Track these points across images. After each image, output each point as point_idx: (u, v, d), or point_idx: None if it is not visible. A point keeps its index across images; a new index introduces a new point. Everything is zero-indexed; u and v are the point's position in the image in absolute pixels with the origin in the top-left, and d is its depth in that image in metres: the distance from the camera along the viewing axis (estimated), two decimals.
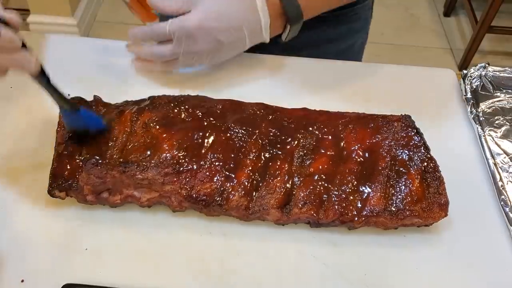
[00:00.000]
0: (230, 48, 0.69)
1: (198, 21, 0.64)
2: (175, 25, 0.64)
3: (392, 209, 0.55)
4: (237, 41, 0.68)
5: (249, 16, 0.66)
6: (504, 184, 0.63)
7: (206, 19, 0.64)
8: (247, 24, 0.66)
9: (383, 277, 0.55)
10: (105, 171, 0.55)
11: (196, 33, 0.64)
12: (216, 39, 0.65)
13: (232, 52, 0.71)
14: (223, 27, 0.65)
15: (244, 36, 0.67)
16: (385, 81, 0.77)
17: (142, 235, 0.57)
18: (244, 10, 0.66)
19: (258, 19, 0.66)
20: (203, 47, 0.66)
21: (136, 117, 0.59)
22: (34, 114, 0.67)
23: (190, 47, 0.65)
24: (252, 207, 0.55)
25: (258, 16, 0.66)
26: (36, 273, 0.53)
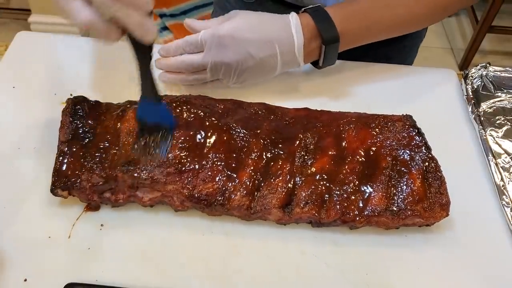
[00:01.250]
0: (260, 65, 0.66)
1: (230, 30, 0.64)
2: (207, 34, 0.64)
3: (394, 208, 0.56)
4: (268, 59, 0.66)
5: (282, 33, 0.66)
6: (505, 184, 0.63)
7: (238, 29, 0.64)
8: (279, 41, 0.65)
9: (384, 276, 0.56)
10: (107, 171, 0.55)
11: (226, 42, 0.64)
12: (246, 50, 0.65)
13: (262, 71, 0.68)
14: (254, 39, 0.65)
15: (276, 54, 0.66)
16: (386, 81, 0.77)
17: (144, 235, 0.57)
18: (277, 27, 0.66)
19: (291, 39, 0.66)
20: (232, 57, 0.65)
21: None
22: (37, 113, 0.67)
23: (219, 56, 0.65)
24: (254, 207, 0.55)
25: (291, 35, 0.66)
26: (39, 273, 0.53)
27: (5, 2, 2.10)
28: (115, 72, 0.74)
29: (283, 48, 0.66)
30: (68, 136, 0.57)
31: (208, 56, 0.65)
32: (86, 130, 0.58)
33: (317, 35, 0.67)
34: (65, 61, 0.75)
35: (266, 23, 0.66)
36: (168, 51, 0.68)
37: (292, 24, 0.66)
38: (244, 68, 0.66)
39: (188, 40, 0.66)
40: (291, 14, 0.67)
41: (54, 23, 2.03)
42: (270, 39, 0.65)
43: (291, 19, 0.66)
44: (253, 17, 0.66)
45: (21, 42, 0.77)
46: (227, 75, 0.67)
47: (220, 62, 0.65)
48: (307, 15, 0.67)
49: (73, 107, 0.59)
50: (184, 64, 0.67)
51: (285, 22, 0.66)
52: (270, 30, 0.65)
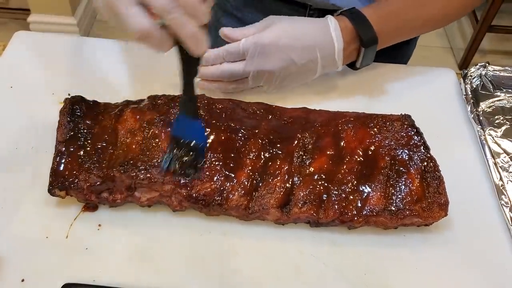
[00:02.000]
0: (302, 70, 0.67)
1: (273, 37, 0.64)
2: (249, 42, 0.64)
3: (392, 208, 0.55)
4: (309, 63, 0.67)
5: (323, 38, 0.66)
6: (504, 184, 0.63)
7: (281, 36, 0.64)
8: (320, 46, 0.66)
9: (383, 276, 0.55)
10: (105, 171, 0.55)
11: (269, 50, 0.64)
12: (288, 57, 0.65)
13: (302, 76, 0.69)
14: (297, 46, 0.65)
15: (317, 59, 0.66)
16: (385, 81, 0.77)
17: (142, 235, 0.57)
18: (318, 33, 0.66)
19: (331, 43, 0.66)
20: (275, 64, 0.65)
21: (136, 116, 0.59)
22: (34, 113, 0.67)
23: (262, 64, 0.65)
24: (252, 207, 0.55)
25: (331, 39, 0.66)
26: (36, 273, 0.53)
27: (4, 1, 2.10)
28: (113, 72, 0.74)
29: (324, 52, 0.66)
30: (65, 136, 0.57)
31: (250, 65, 0.65)
32: (84, 130, 0.58)
33: (356, 38, 0.68)
34: (63, 61, 0.75)
35: (306, 29, 0.66)
36: (207, 60, 0.67)
37: (332, 28, 0.66)
38: (287, 74, 0.67)
39: (228, 50, 0.66)
40: (329, 18, 0.68)
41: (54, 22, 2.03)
42: (311, 44, 0.65)
43: (330, 23, 0.67)
44: (293, 23, 0.66)
45: (19, 42, 0.77)
46: (269, 82, 0.67)
47: (263, 70, 0.65)
48: (344, 18, 0.68)
49: (70, 107, 0.59)
50: (226, 73, 0.67)
51: (324, 26, 0.66)
52: (311, 35, 0.66)
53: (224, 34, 0.67)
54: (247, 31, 0.66)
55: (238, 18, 0.89)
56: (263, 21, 0.67)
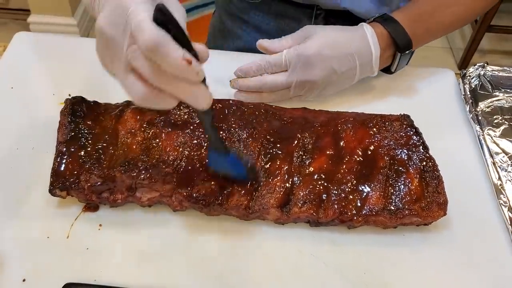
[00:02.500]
0: (341, 78, 0.68)
1: (316, 48, 0.65)
2: (292, 54, 0.65)
3: (391, 208, 0.56)
4: (349, 71, 0.68)
5: (361, 46, 0.67)
6: (502, 183, 0.63)
7: (323, 46, 0.65)
8: (359, 54, 0.67)
9: (382, 276, 0.56)
10: (106, 171, 0.55)
11: (313, 60, 0.65)
12: (330, 67, 0.66)
13: (341, 84, 0.70)
14: (338, 55, 0.66)
15: (356, 66, 0.67)
16: (384, 81, 0.77)
17: (143, 235, 0.57)
18: (356, 41, 0.67)
19: (369, 50, 0.67)
20: (318, 74, 0.65)
21: (136, 117, 0.59)
22: (35, 113, 0.67)
23: (305, 75, 0.65)
24: (252, 207, 0.55)
25: (369, 46, 0.67)
26: (37, 273, 0.53)
27: (4, 2, 2.10)
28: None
29: (362, 60, 0.67)
30: (66, 136, 0.57)
31: (293, 76, 0.66)
32: (85, 130, 0.58)
33: (391, 43, 0.69)
34: (64, 62, 0.75)
35: (345, 37, 0.67)
36: (248, 73, 0.68)
37: (369, 35, 0.67)
38: (327, 83, 0.67)
39: (270, 61, 0.66)
40: (364, 25, 0.68)
41: (54, 23, 2.04)
42: (351, 52, 0.66)
43: (366, 30, 0.67)
44: (332, 33, 0.67)
45: (20, 43, 0.77)
46: (310, 91, 0.68)
47: (306, 80, 0.66)
48: (379, 24, 0.69)
49: (71, 107, 0.60)
50: (268, 85, 0.67)
51: (361, 34, 0.67)
52: (350, 43, 0.67)
53: (263, 47, 0.68)
54: (285, 42, 0.67)
55: (244, 20, 0.89)
56: (299, 32, 0.68)
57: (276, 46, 0.67)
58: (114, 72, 0.45)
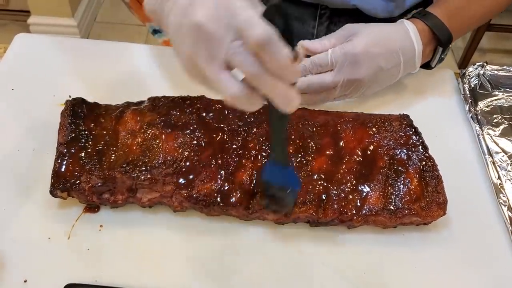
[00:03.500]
0: (386, 76, 0.69)
1: (363, 46, 0.64)
2: (338, 53, 0.65)
3: (391, 208, 0.56)
4: (394, 69, 0.68)
5: (404, 43, 0.67)
6: (502, 183, 0.63)
7: (370, 44, 0.65)
8: (403, 50, 0.67)
9: (382, 275, 0.56)
10: (106, 172, 0.55)
11: (361, 59, 0.64)
12: (377, 64, 0.66)
13: (386, 81, 0.70)
14: (384, 52, 0.66)
15: (400, 63, 0.67)
16: None
17: (143, 235, 0.57)
18: (400, 37, 0.67)
19: (412, 46, 0.67)
20: (365, 73, 0.65)
21: (136, 118, 0.60)
22: (36, 115, 0.67)
23: (353, 73, 0.65)
24: (252, 207, 0.55)
25: (412, 43, 0.67)
26: (38, 273, 0.53)
27: (4, 3, 2.11)
28: (114, 73, 0.74)
29: (406, 56, 0.67)
30: (67, 137, 0.58)
31: (340, 75, 0.65)
32: (85, 131, 0.58)
33: (432, 39, 0.69)
34: (64, 63, 0.75)
35: (389, 34, 0.67)
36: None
37: (411, 32, 0.67)
38: (373, 81, 0.67)
39: (316, 62, 0.66)
40: (405, 22, 0.69)
41: (54, 24, 2.04)
42: (395, 49, 0.66)
43: (408, 26, 0.68)
44: (376, 30, 0.67)
45: (20, 44, 0.77)
46: (356, 90, 0.68)
47: (353, 79, 0.66)
48: (418, 20, 0.69)
49: (71, 108, 0.60)
50: (314, 85, 0.67)
51: (404, 31, 0.68)
52: (394, 40, 0.67)
53: (306, 47, 0.67)
54: (327, 41, 0.67)
55: None
56: (340, 31, 0.68)
57: (317, 46, 0.67)
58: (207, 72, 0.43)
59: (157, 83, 0.73)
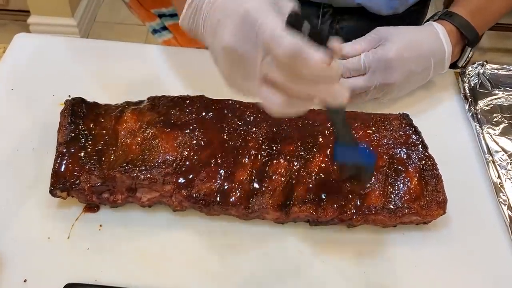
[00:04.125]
0: (417, 79, 0.69)
1: (396, 51, 0.65)
2: (371, 58, 0.65)
3: (391, 207, 0.56)
4: (424, 71, 0.69)
5: (435, 45, 0.68)
6: (502, 182, 0.63)
7: (402, 49, 0.65)
8: (433, 53, 0.67)
9: (382, 274, 0.56)
10: (106, 172, 0.55)
11: (394, 64, 0.65)
12: (409, 69, 0.66)
13: (416, 84, 0.71)
14: (416, 56, 0.66)
15: (431, 66, 0.68)
16: None
17: (143, 235, 0.57)
18: (431, 40, 0.68)
19: (442, 48, 0.68)
20: (397, 77, 0.66)
21: (136, 117, 0.60)
22: (35, 114, 0.67)
23: (385, 78, 0.65)
24: (251, 206, 0.55)
25: (442, 45, 0.68)
26: (38, 273, 0.53)
27: (4, 3, 2.11)
28: (113, 73, 0.74)
29: (436, 59, 0.68)
30: (66, 137, 0.58)
31: (373, 79, 0.66)
32: (85, 131, 0.58)
33: (460, 39, 0.70)
34: (64, 63, 0.75)
35: (420, 38, 0.68)
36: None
37: (440, 34, 0.68)
38: (404, 85, 0.68)
39: (348, 66, 0.66)
40: (434, 24, 0.69)
41: (53, 24, 2.04)
42: (426, 53, 0.67)
43: (437, 28, 0.68)
44: (407, 34, 0.67)
45: (20, 44, 0.77)
46: (388, 93, 0.68)
47: (384, 83, 0.66)
48: (445, 21, 0.70)
49: (71, 108, 0.60)
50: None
51: (434, 33, 0.68)
52: (425, 44, 0.67)
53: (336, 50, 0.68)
54: (359, 46, 0.67)
55: None
56: (371, 34, 0.68)
57: (348, 50, 0.67)
58: (247, 89, 0.44)
59: (157, 82, 0.73)
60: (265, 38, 0.39)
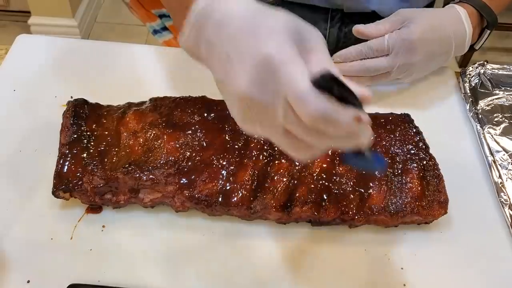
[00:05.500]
0: (438, 60, 0.70)
1: (420, 32, 0.65)
2: (395, 39, 0.66)
3: (392, 207, 0.56)
4: (445, 53, 0.69)
5: (457, 27, 0.68)
6: (503, 181, 0.63)
7: (425, 31, 0.66)
8: (455, 35, 0.68)
9: (383, 274, 0.56)
10: (108, 173, 0.56)
11: (417, 45, 0.66)
12: (432, 50, 0.67)
13: (436, 65, 0.72)
14: (439, 38, 0.67)
15: (452, 47, 0.69)
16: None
17: (146, 236, 0.57)
18: (453, 22, 0.68)
19: (464, 30, 0.68)
20: (420, 58, 0.67)
21: (138, 118, 0.60)
22: (38, 116, 0.67)
23: (408, 59, 0.66)
24: (253, 207, 0.56)
25: (463, 27, 0.68)
26: (41, 274, 0.53)
27: (5, 4, 2.11)
28: (115, 74, 0.74)
29: (457, 41, 0.69)
30: (69, 138, 0.58)
31: (396, 60, 0.66)
32: (87, 132, 0.59)
33: (479, 22, 0.71)
34: (66, 64, 0.75)
35: (443, 20, 0.69)
36: (346, 57, 0.68)
37: (462, 16, 0.68)
38: (426, 65, 0.69)
39: (371, 46, 0.67)
40: (455, 7, 0.70)
41: (54, 25, 2.04)
42: (449, 35, 0.68)
43: (460, 11, 0.69)
44: (430, 16, 0.68)
45: (21, 45, 0.78)
46: (410, 74, 0.69)
47: (407, 64, 0.67)
48: (467, 4, 0.70)
49: (73, 109, 0.60)
50: (371, 69, 0.68)
51: (456, 15, 0.69)
52: (447, 26, 0.68)
53: (360, 32, 0.68)
54: (382, 26, 0.68)
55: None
56: (395, 15, 0.69)
57: (373, 31, 0.68)
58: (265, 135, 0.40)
59: (159, 83, 0.73)
60: (289, 95, 0.34)
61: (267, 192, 0.56)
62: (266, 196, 0.56)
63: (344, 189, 0.57)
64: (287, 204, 0.56)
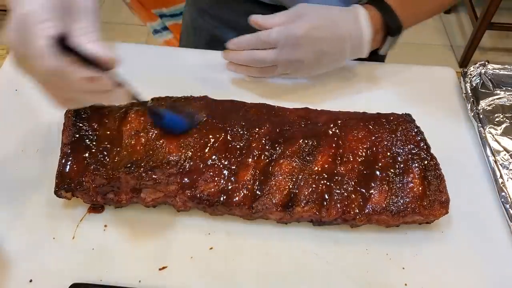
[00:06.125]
0: (330, 60, 0.69)
1: (305, 29, 0.65)
2: (281, 33, 0.65)
3: (394, 207, 0.56)
4: (338, 53, 0.68)
5: (353, 28, 0.67)
6: (504, 181, 0.64)
7: (313, 28, 0.65)
8: (350, 36, 0.67)
9: (385, 274, 0.56)
10: (110, 172, 0.56)
11: (301, 42, 0.65)
12: (319, 48, 0.66)
13: (330, 65, 0.71)
14: (328, 37, 0.66)
15: (346, 48, 0.68)
16: (385, 80, 0.77)
17: (147, 235, 0.57)
18: (349, 22, 0.67)
19: (360, 33, 0.67)
20: (305, 55, 0.66)
21: (140, 118, 0.60)
22: (40, 116, 0.68)
23: (292, 54, 0.66)
24: (255, 207, 0.56)
25: (361, 29, 0.67)
26: (44, 273, 0.54)
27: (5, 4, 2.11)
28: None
29: (353, 42, 0.68)
30: (71, 138, 0.58)
31: (281, 54, 0.66)
32: (89, 132, 0.59)
33: (383, 26, 0.69)
34: None
35: (337, 18, 0.67)
36: (239, 45, 0.69)
37: (362, 17, 0.67)
38: (316, 64, 0.68)
39: (260, 38, 0.67)
40: (358, 7, 0.69)
41: None
42: (342, 35, 0.67)
43: (360, 12, 0.68)
44: (324, 13, 0.67)
45: None
46: (298, 70, 0.69)
47: (293, 59, 0.67)
48: (371, 7, 0.69)
49: (75, 109, 0.60)
50: (256, 61, 0.68)
51: (354, 16, 0.68)
52: (342, 26, 0.67)
53: (255, 22, 0.68)
54: (278, 19, 0.67)
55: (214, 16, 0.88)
56: (294, 9, 0.68)
57: (269, 22, 0.67)
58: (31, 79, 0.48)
59: (160, 83, 0.73)
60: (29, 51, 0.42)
61: (269, 192, 0.56)
62: (268, 196, 0.56)
63: (346, 189, 0.57)
64: (288, 204, 0.56)
